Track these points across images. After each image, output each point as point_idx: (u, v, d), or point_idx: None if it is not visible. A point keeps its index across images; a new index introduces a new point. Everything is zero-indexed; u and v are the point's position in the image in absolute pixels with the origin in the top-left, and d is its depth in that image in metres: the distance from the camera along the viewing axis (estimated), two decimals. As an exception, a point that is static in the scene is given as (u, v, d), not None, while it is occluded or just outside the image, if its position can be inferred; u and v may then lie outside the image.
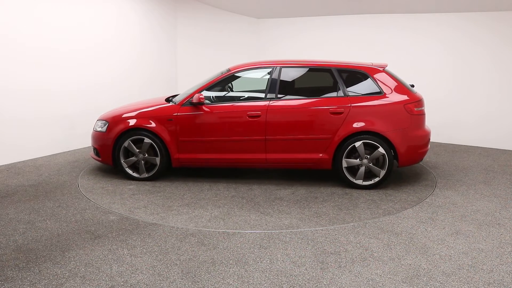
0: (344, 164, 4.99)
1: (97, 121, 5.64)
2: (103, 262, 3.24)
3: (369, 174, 5.01)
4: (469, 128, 7.64)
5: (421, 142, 5.06)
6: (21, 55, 5.96)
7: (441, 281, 2.99)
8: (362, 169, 4.97)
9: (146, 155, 5.29)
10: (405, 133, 4.93)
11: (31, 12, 6.03)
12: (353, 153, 4.99)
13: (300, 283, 2.97)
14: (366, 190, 4.99)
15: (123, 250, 3.43)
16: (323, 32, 8.89)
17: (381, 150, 4.90)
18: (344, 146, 4.96)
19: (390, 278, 3.03)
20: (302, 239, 3.67)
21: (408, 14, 7.92)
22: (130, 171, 5.36)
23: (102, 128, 5.45)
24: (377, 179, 4.98)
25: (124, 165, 5.35)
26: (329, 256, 3.36)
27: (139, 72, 8.01)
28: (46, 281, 2.97)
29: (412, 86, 5.53)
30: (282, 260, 3.29)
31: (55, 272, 3.08)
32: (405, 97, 4.98)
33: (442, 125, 7.76)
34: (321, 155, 5.03)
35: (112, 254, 3.37)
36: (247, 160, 5.19)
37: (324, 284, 2.95)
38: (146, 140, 5.22)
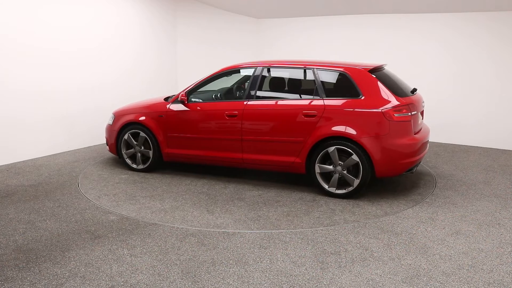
0: (317, 170, 4.73)
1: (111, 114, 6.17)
2: (103, 262, 3.24)
3: (344, 182, 4.68)
4: (469, 128, 7.63)
5: (404, 152, 4.54)
6: (21, 55, 5.96)
7: (441, 281, 2.99)
8: (336, 176, 4.66)
9: (143, 148, 5.68)
10: (383, 140, 4.47)
11: (31, 12, 6.02)
12: (329, 158, 4.71)
13: (300, 283, 2.97)
14: (340, 198, 4.69)
15: (123, 250, 3.44)
16: (323, 32, 8.88)
17: (354, 157, 4.53)
18: (317, 150, 4.70)
19: (390, 278, 3.03)
20: (302, 239, 3.67)
21: (408, 14, 7.92)
22: (129, 162, 5.78)
23: (110, 121, 5.98)
24: (350, 189, 4.63)
25: (125, 156, 5.79)
26: (329, 256, 3.36)
27: (140, 72, 8.01)
28: (46, 281, 2.97)
29: (414, 90, 5.16)
30: (282, 260, 3.29)
31: (55, 272, 3.08)
32: (385, 101, 4.52)
33: (442, 125, 7.76)
34: (294, 158, 4.84)
35: (112, 254, 3.37)
36: (225, 159, 5.24)
37: (324, 284, 2.95)
38: (142, 134, 5.62)
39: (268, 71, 5.21)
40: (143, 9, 7.91)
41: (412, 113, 4.63)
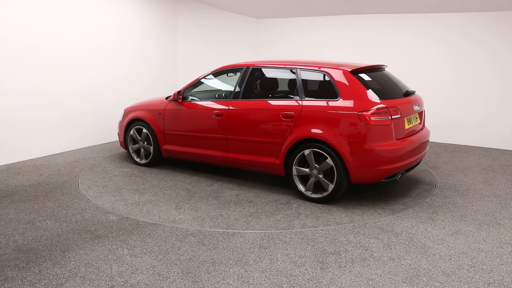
0: (295, 172, 4.63)
1: None
2: (103, 262, 3.24)
3: (320, 187, 4.52)
4: (469, 128, 7.63)
5: (382, 157, 4.26)
6: (21, 55, 5.96)
7: (441, 281, 2.99)
8: (312, 180, 4.52)
9: (145, 143, 5.96)
10: (358, 144, 4.23)
11: (32, 12, 6.02)
12: (307, 161, 4.58)
13: (300, 283, 2.97)
14: (315, 203, 4.55)
15: (123, 250, 3.44)
16: (323, 32, 8.89)
17: (329, 161, 4.36)
18: (295, 152, 4.59)
19: (390, 278, 3.03)
20: (302, 239, 3.67)
21: (408, 14, 7.92)
22: (135, 156, 6.11)
23: (121, 117, 6.34)
24: (326, 193, 4.46)
25: (130, 150, 6.13)
26: (329, 256, 3.36)
27: (141, 72, 8.01)
28: (46, 281, 2.97)
29: (407, 92, 4.86)
30: (282, 260, 3.29)
31: (55, 272, 3.08)
32: (362, 103, 4.27)
33: (442, 126, 7.76)
34: (273, 160, 4.78)
35: (112, 254, 3.37)
36: (212, 157, 5.33)
37: (324, 284, 2.95)
38: (144, 130, 5.91)
39: (255, 71, 5.21)
40: (143, 9, 7.91)
41: (394, 116, 4.34)
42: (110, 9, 7.25)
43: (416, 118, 4.87)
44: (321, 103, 4.49)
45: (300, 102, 4.62)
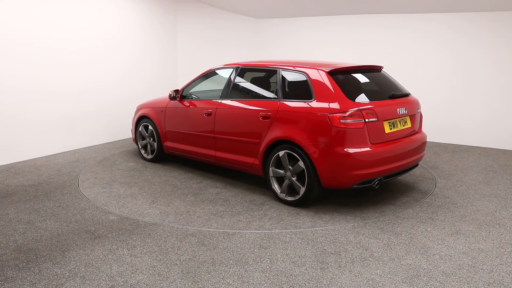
0: (271, 173, 4.57)
1: None
2: (103, 262, 3.24)
3: (294, 189, 4.44)
4: (469, 128, 7.63)
5: (354, 161, 4.04)
6: (21, 55, 5.96)
7: (441, 281, 2.99)
8: (286, 182, 4.45)
9: (151, 140, 6.21)
10: (328, 147, 4.08)
11: (32, 12, 6.02)
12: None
13: (300, 283, 2.97)
14: (290, 206, 4.44)
15: (123, 250, 3.44)
16: (322, 32, 8.88)
17: (301, 164, 4.25)
18: (271, 153, 4.54)
19: (390, 278, 3.03)
20: (302, 239, 3.67)
21: (408, 14, 7.92)
22: (142, 152, 6.40)
23: (134, 114, 6.60)
24: (298, 197, 4.36)
25: (139, 146, 6.43)
26: (329, 256, 3.36)
27: (141, 72, 8.01)
28: (46, 281, 2.97)
29: (393, 95, 4.57)
30: (282, 260, 3.29)
31: (55, 272, 3.09)
32: (332, 105, 4.11)
33: (442, 125, 7.76)
34: (253, 160, 4.77)
35: (112, 254, 3.37)
36: (204, 155, 5.43)
37: (324, 284, 2.95)
38: (150, 127, 6.16)
39: (242, 71, 5.25)
40: (143, 9, 7.91)
41: (369, 119, 4.13)
42: (110, 9, 7.25)
43: (405, 121, 4.58)
44: (296, 104, 4.42)
45: (277, 102, 4.58)
